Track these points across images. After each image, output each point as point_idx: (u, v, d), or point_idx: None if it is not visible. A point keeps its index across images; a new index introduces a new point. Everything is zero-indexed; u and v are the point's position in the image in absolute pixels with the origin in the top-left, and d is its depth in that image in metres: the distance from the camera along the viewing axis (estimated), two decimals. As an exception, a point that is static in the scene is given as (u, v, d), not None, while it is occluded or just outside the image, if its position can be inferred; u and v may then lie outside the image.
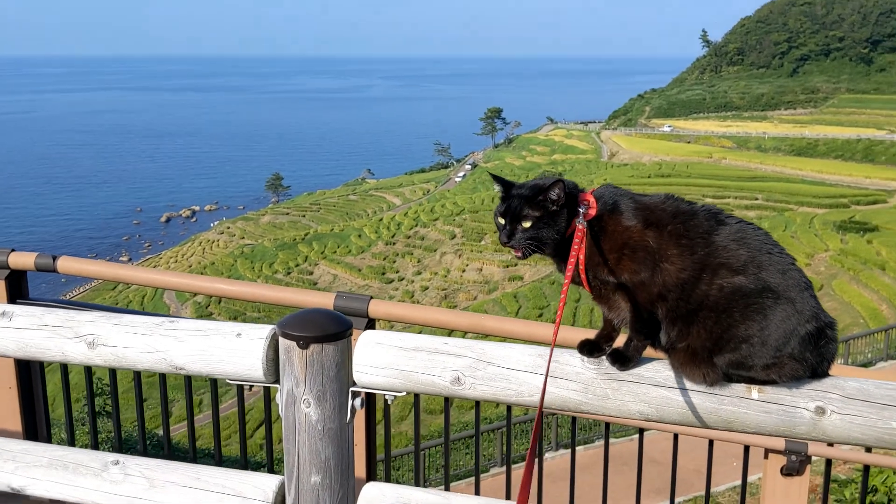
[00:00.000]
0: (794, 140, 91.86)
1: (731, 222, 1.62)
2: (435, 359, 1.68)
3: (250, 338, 1.75)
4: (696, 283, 1.57)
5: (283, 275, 63.31)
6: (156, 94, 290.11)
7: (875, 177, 72.13)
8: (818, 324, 1.54)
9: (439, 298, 57.28)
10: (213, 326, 1.81)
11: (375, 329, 4.29)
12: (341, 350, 1.72)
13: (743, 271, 1.55)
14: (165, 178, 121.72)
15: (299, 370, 1.69)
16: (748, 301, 1.54)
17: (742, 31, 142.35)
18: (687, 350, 1.59)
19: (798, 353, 1.53)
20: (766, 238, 1.61)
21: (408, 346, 1.71)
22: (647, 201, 1.68)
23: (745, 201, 65.46)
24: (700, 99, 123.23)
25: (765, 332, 1.52)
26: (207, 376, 1.85)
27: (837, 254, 46.57)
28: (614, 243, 1.63)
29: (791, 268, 1.57)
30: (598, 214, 1.65)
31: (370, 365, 1.72)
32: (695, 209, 1.64)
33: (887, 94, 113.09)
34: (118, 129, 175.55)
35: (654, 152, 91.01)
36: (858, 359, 22.00)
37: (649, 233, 1.61)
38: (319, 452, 1.74)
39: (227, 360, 1.76)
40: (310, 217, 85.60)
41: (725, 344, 1.55)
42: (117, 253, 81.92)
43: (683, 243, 1.59)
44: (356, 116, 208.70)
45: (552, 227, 1.63)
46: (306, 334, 1.69)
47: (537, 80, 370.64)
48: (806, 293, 1.55)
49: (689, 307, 1.58)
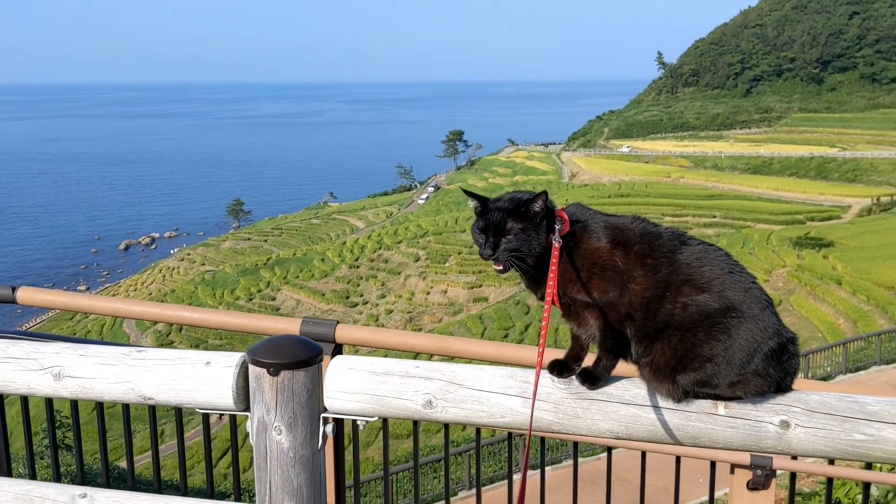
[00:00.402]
0: (749, 158, 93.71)
1: (694, 243, 1.65)
2: (406, 382, 1.68)
3: (220, 366, 1.74)
4: (660, 301, 1.60)
5: (244, 301, 62.67)
6: (113, 121, 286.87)
7: (829, 193, 73.82)
8: (780, 340, 1.58)
9: (404, 321, 57.12)
10: (181, 355, 1.79)
11: (343, 354, 4.27)
12: (312, 376, 1.72)
13: (706, 290, 1.58)
14: (124, 206, 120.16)
15: (270, 397, 1.69)
16: (712, 321, 1.56)
17: (696, 53, 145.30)
18: (652, 367, 1.61)
19: (762, 370, 1.56)
20: (727, 258, 1.64)
21: (379, 370, 1.71)
22: (616, 221, 1.70)
23: (703, 219, 66.47)
24: (657, 120, 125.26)
25: (729, 351, 1.55)
26: (177, 406, 1.83)
27: (795, 269, 47.41)
28: (585, 261, 1.65)
29: (752, 286, 1.60)
30: (571, 231, 1.67)
31: (341, 390, 1.71)
32: (659, 230, 1.68)
33: (838, 112, 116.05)
34: (76, 157, 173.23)
35: (614, 172, 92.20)
36: (818, 373, 22.33)
37: (617, 252, 1.64)
38: (292, 480, 1.73)
39: (196, 388, 1.75)
40: (272, 242, 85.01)
41: (689, 363, 1.58)
42: (75, 282, 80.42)
43: (648, 263, 1.62)
44: (317, 140, 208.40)
45: (535, 240, 1.63)
46: (276, 361, 1.68)
47: (497, 103, 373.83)
48: (767, 310, 1.58)
49: (656, 326, 1.60)
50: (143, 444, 25.93)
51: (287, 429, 1.70)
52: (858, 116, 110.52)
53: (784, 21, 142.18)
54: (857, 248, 50.38)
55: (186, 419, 3.19)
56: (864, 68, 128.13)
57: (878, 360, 22.46)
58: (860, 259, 46.75)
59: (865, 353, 23.56)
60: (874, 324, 35.67)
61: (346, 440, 3.84)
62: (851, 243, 52.32)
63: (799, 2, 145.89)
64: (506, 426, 1.66)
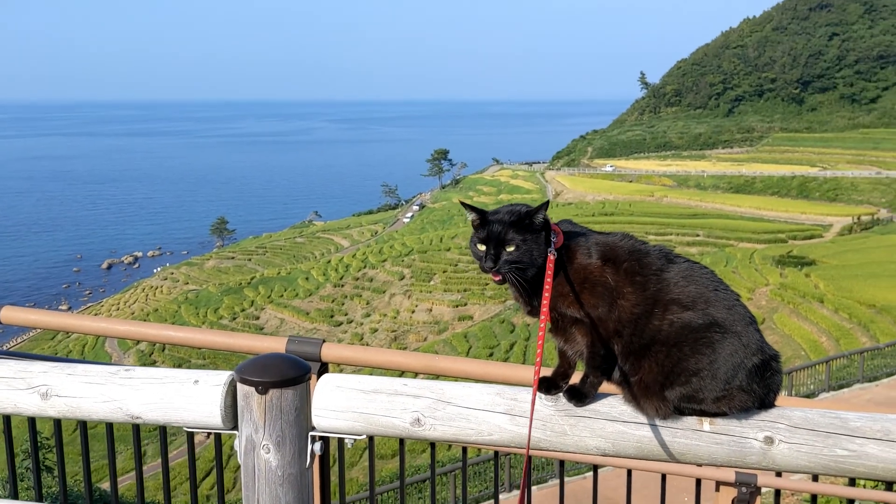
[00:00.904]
0: (731, 178, 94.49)
1: (680, 261, 1.69)
2: (395, 400, 1.69)
3: (208, 384, 1.74)
4: (648, 318, 1.63)
5: (228, 320, 62.32)
6: (99, 139, 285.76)
7: (810, 212, 74.49)
8: (763, 356, 1.61)
9: (389, 340, 56.94)
10: (170, 374, 1.79)
11: (329, 373, 4.27)
12: (300, 394, 1.72)
13: (692, 307, 1.61)
14: (108, 225, 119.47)
15: (258, 416, 1.69)
16: (697, 335, 1.59)
17: (679, 74, 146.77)
18: (640, 384, 1.63)
19: (746, 385, 1.59)
20: (712, 276, 1.68)
21: (367, 388, 1.72)
22: (606, 238, 1.73)
23: (686, 237, 66.84)
24: (640, 139, 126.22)
25: (714, 366, 1.58)
26: (164, 424, 1.83)
27: (777, 288, 47.72)
28: (576, 276, 1.68)
29: (736, 304, 1.64)
30: (564, 245, 1.70)
31: (329, 409, 1.72)
32: (647, 248, 1.71)
33: (818, 132, 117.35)
34: (60, 176, 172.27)
35: (598, 191, 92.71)
36: (801, 390, 22.42)
37: (608, 269, 1.67)
38: (280, 499, 1.73)
39: (184, 407, 1.75)
40: (256, 261, 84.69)
41: (676, 377, 1.60)
42: (57, 301, 79.75)
43: (637, 280, 1.65)
44: (302, 159, 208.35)
45: (536, 251, 1.65)
46: (265, 379, 1.69)
47: (482, 122, 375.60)
48: (751, 328, 1.62)
49: (642, 342, 1.63)
50: (127, 464, 25.66)
51: (275, 447, 1.70)
52: (839, 136, 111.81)
53: (765, 42, 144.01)
54: (839, 267, 50.82)
55: (170, 439, 3.16)
56: (844, 89, 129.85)
57: (860, 377, 22.58)
58: (842, 277, 47.14)
59: (848, 371, 23.69)
60: (856, 342, 35.92)
61: (332, 459, 3.83)
62: (833, 262, 52.77)
63: (779, 23, 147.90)
64: (493, 444, 1.67)
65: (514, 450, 1.73)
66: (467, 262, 65.01)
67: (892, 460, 1.53)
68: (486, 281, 62.38)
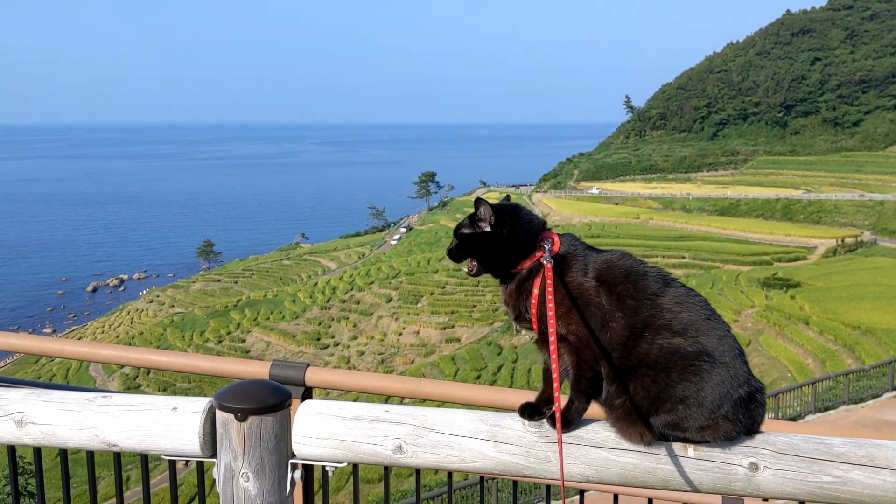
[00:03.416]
0: (716, 200, 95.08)
1: (676, 286, 1.68)
2: (376, 427, 1.67)
3: (186, 411, 1.71)
4: (637, 341, 1.61)
5: (214, 343, 61.92)
6: (86, 161, 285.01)
7: (795, 234, 74.96)
8: (750, 388, 1.60)
9: (376, 363, 56.68)
10: (147, 401, 1.76)
11: (313, 397, 4.23)
12: (280, 421, 1.70)
13: (683, 334, 1.60)
14: (93, 247, 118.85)
15: (237, 443, 1.66)
16: (686, 363, 1.58)
17: (664, 97, 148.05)
18: (624, 407, 1.62)
19: (732, 416, 1.58)
20: (705, 305, 1.66)
21: (348, 415, 1.69)
22: (604, 256, 1.71)
23: (672, 259, 67.07)
24: (626, 162, 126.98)
25: (701, 394, 1.57)
26: (142, 452, 1.80)
27: (763, 310, 47.89)
28: (569, 291, 1.66)
29: (727, 334, 1.63)
30: (560, 256, 1.68)
31: (310, 436, 1.69)
32: (646, 269, 1.69)
33: (802, 155, 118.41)
34: (46, 198, 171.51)
35: (584, 214, 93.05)
36: (788, 412, 22.44)
37: (602, 290, 1.65)
38: (259, 528, 1.69)
39: (162, 435, 1.72)
40: (242, 283, 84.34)
41: (662, 404, 1.58)
42: (41, 324, 79.07)
43: (630, 304, 1.63)
44: (289, 181, 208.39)
45: (483, 244, 1.71)
46: (244, 406, 1.66)
47: (469, 145, 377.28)
48: (739, 359, 1.61)
49: (630, 364, 1.62)
50: (108, 490, 25.33)
51: (254, 476, 1.67)
52: (822, 159, 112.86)
53: (748, 67, 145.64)
54: (824, 289, 51.09)
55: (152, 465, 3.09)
56: (827, 112, 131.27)
57: (846, 399, 22.64)
58: (827, 299, 47.40)
59: (834, 393, 23.75)
60: (842, 363, 36.05)
61: (316, 485, 3.79)
62: (818, 284, 53.06)
63: (762, 48, 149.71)
64: (477, 471, 1.64)
65: (499, 475, 1.71)
66: (455, 285, 64.95)
67: (877, 486, 1.52)
68: (474, 303, 62.26)
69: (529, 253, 1.70)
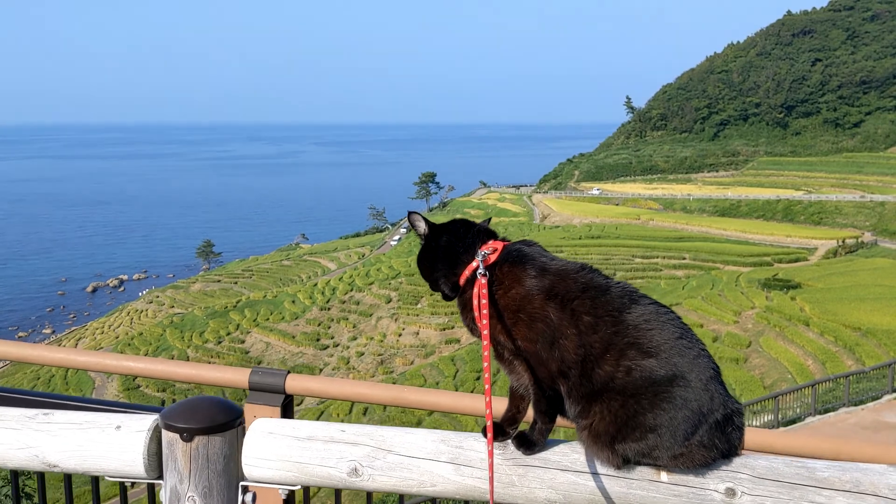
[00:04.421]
0: (717, 201, 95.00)
1: (645, 302, 1.54)
2: (331, 448, 1.57)
3: (131, 430, 1.61)
4: (599, 362, 1.49)
5: (213, 344, 61.79)
6: (86, 162, 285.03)
7: (795, 235, 74.87)
8: (726, 411, 1.49)
9: (375, 364, 56.57)
10: (90, 419, 1.66)
11: (293, 406, 4.13)
12: (229, 441, 1.60)
13: (654, 355, 1.48)
14: (93, 248, 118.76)
15: (183, 465, 1.56)
16: (658, 389, 1.46)
17: (664, 98, 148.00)
18: (590, 430, 1.51)
19: (707, 442, 1.47)
20: (678, 322, 1.54)
21: (301, 434, 1.59)
22: (560, 267, 1.58)
23: (673, 260, 66.99)
24: (626, 163, 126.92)
25: (674, 422, 1.46)
26: (84, 473, 1.70)
27: (763, 311, 47.75)
28: (511, 302, 1.54)
29: (701, 353, 1.51)
30: (499, 264, 1.57)
31: (261, 457, 1.59)
32: (609, 284, 1.56)
33: (803, 156, 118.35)
34: (47, 199, 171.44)
35: (584, 214, 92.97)
36: (788, 414, 22.38)
37: (552, 304, 1.52)
38: (207, 554, 1.60)
39: (105, 455, 1.62)
40: (242, 284, 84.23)
41: (631, 432, 1.47)
42: (41, 325, 79.03)
43: (587, 320, 1.51)
44: (290, 182, 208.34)
45: (426, 258, 1.65)
46: (190, 426, 1.56)
47: (469, 146, 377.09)
48: (715, 380, 1.50)
49: (593, 387, 1.50)
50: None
51: (201, 499, 1.57)
52: (823, 160, 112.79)
53: (749, 67, 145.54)
54: (825, 290, 50.95)
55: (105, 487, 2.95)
56: (828, 113, 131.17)
57: (846, 401, 22.56)
58: (827, 300, 47.24)
59: (834, 395, 23.67)
60: (842, 365, 35.93)
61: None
62: (818, 285, 52.91)
63: (763, 49, 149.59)
64: (437, 495, 1.55)
65: (461, 500, 1.61)
66: (454, 286, 64.73)
67: (862, 514, 1.42)
68: (473, 304, 62.09)
69: (467, 263, 1.59)
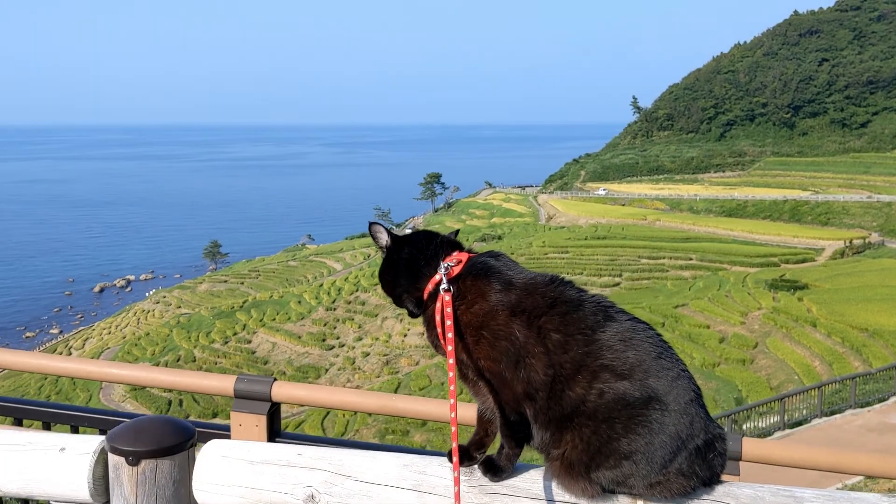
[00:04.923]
0: (724, 201, 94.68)
1: (622, 319, 1.43)
2: (286, 473, 1.46)
3: (76, 453, 1.51)
4: (569, 383, 1.39)
5: (220, 344, 61.82)
6: (92, 163, 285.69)
7: (803, 236, 74.53)
8: (707, 436, 1.38)
9: (381, 364, 56.50)
10: (33, 439, 1.57)
11: (280, 414, 4.03)
12: (180, 465, 1.50)
13: (628, 376, 1.38)
14: (100, 248, 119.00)
15: (129, 490, 1.46)
16: (632, 412, 1.37)
17: (671, 98, 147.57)
18: (562, 459, 1.40)
19: (687, 469, 1.37)
20: (656, 340, 1.43)
21: (256, 458, 1.49)
22: (527, 280, 1.47)
23: (679, 261, 66.77)
24: (633, 163, 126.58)
25: (650, 448, 1.36)
26: (27, 498, 1.60)
27: (770, 312, 47.52)
28: (474, 318, 1.44)
29: (681, 374, 1.40)
30: (463, 277, 1.47)
31: (213, 482, 1.49)
32: (582, 299, 1.45)
33: (809, 156, 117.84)
34: (53, 199, 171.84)
35: (590, 215, 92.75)
36: (794, 416, 22.25)
37: (517, 321, 1.42)
38: (157, 585, 1.50)
39: (48, 479, 1.52)
40: (248, 284, 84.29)
41: (605, 460, 1.37)
42: (48, 325, 79.24)
43: (556, 339, 1.40)
44: (295, 183, 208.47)
45: (388, 273, 1.58)
46: (137, 448, 1.46)
47: (475, 146, 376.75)
48: (695, 403, 1.40)
49: (563, 411, 1.40)
50: None
51: (149, 527, 1.47)
52: (830, 160, 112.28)
53: (756, 67, 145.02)
54: (832, 291, 50.69)
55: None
56: (835, 113, 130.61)
57: (853, 403, 22.41)
58: (834, 301, 46.98)
59: (841, 396, 23.53)
60: (849, 366, 35.72)
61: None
62: (826, 286, 52.65)
63: (770, 49, 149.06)
64: (399, 524, 1.44)
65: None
66: (459, 286, 64.64)
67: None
68: (479, 305, 62.01)
69: (430, 277, 1.49)
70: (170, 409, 47.80)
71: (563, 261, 68.03)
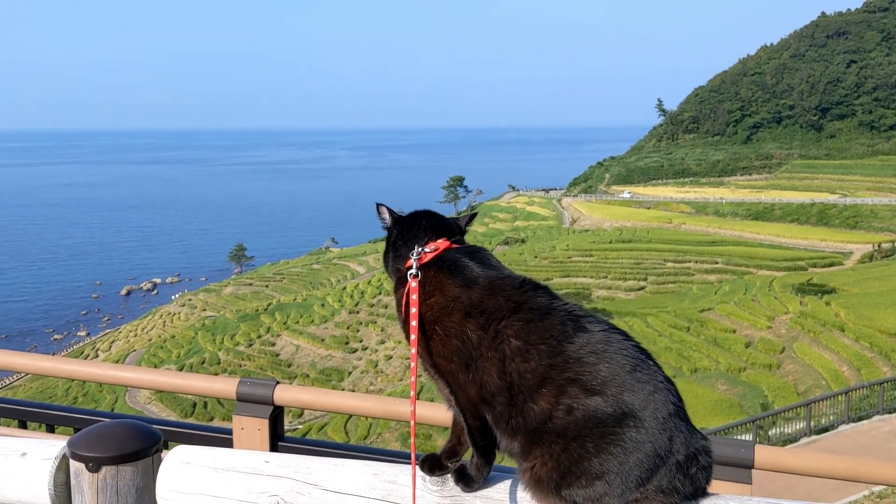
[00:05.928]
0: (750, 205, 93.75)
1: (594, 329, 1.34)
2: (252, 481, 1.40)
3: (37, 458, 1.47)
4: (532, 396, 1.32)
5: (244, 346, 62.22)
6: (121, 167, 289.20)
7: (830, 239, 73.59)
8: (689, 451, 1.30)
9: (403, 368, 56.54)
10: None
11: (284, 417, 3.98)
12: (143, 472, 1.44)
13: (600, 392, 1.29)
14: (128, 251, 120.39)
15: (90, 498, 1.41)
16: (605, 430, 1.28)
17: (696, 101, 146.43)
18: (532, 475, 1.32)
19: (667, 486, 1.28)
20: (633, 351, 1.33)
21: (221, 465, 1.43)
22: (493, 280, 1.39)
23: (705, 265, 66.19)
24: (658, 166, 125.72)
25: (625, 467, 1.27)
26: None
27: (797, 316, 46.93)
28: (429, 311, 1.38)
29: (660, 387, 1.32)
30: (429, 267, 1.41)
31: (176, 490, 1.43)
32: (552, 307, 1.35)
33: (837, 159, 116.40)
34: (82, 203, 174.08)
35: (615, 218, 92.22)
36: (821, 422, 21.92)
37: (472, 322, 1.35)
38: None
39: (10, 485, 1.47)
40: (273, 287, 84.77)
41: (576, 479, 1.28)
42: (75, 328, 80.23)
43: (514, 345, 1.33)
44: (320, 186, 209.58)
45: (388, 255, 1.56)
46: (98, 455, 1.40)
47: (498, 149, 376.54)
48: (676, 416, 1.31)
49: (528, 425, 1.32)
50: None
51: (112, 535, 1.42)
52: (858, 163, 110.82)
53: (782, 69, 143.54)
54: (860, 295, 49.91)
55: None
56: (863, 116, 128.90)
57: (880, 408, 22.04)
58: (863, 306, 46.27)
59: (868, 402, 23.15)
60: (878, 371, 35.14)
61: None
62: (854, 290, 51.87)
63: (797, 50, 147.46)
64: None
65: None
66: (483, 290, 64.52)
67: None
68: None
69: (407, 259, 1.44)
70: (194, 411, 48.14)
71: (588, 264, 67.68)
